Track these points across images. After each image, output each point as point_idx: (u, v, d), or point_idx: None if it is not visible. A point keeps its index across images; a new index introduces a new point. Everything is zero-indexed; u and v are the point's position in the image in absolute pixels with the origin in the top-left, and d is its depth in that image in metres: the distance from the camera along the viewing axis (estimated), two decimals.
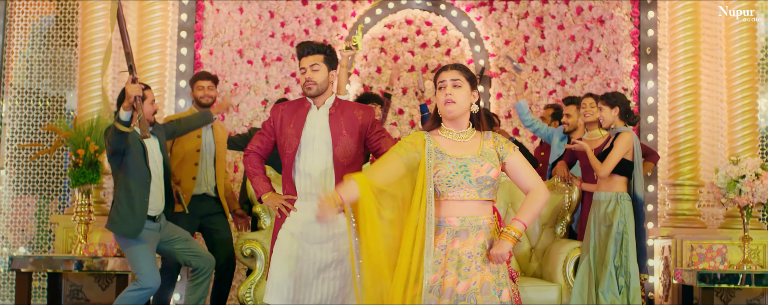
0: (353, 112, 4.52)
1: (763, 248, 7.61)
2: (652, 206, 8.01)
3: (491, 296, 3.66)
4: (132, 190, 5.79)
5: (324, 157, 4.41)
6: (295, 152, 4.43)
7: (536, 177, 3.83)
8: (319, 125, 4.47)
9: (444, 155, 3.74)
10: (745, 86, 7.84)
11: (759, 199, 6.89)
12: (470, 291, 3.64)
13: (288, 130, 4.48)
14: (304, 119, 4.48)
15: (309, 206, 4.35)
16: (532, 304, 5.94)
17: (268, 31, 9.24)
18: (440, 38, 9.72)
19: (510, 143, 3.83)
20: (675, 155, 7.77)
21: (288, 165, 4.46)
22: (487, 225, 3.75)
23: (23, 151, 8.53)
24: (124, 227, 5.77)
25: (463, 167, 3.71)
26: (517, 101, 7.57)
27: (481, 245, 3.71)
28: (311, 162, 4.41)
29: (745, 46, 7.86)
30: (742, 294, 7.59)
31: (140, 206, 5.78)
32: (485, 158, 3.75)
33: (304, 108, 4.54)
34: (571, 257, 6.16)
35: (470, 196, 3.72)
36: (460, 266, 3.67)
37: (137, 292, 5.77)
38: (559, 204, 6.64)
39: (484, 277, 3.67)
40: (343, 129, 4.44)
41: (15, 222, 8.52)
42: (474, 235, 3.72)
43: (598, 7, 8.76)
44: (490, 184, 3.73)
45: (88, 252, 7.09)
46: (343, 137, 4.42)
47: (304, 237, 4.41)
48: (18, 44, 8.68)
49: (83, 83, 7.94)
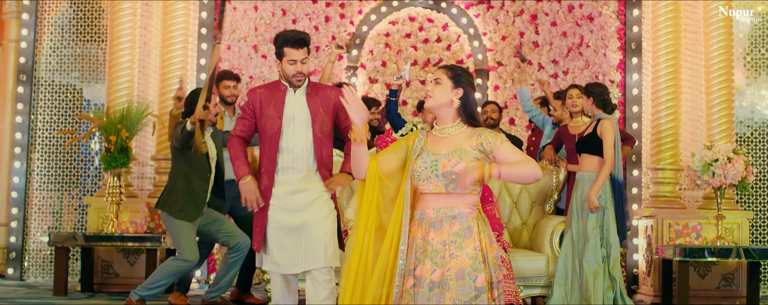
0: (327, 91, 4.93)
1: (737, 226, 8.28)
2: (636, 189, 8.67)
3: (466, 281, 3.75)
4: (193, 183, 6.46)
5: (305, 134, 4.83)
6: (278, 132, 4.81)
7: (529, 158, 3.90)
8: (298, 106, 4.85)
9: (424, 151, 3.91)
10: (722, 78, 8.50)
11: (731, 180, 7.56)
12: (445, 278, 3.77)
13: (269, 111, 4.83)
14: (284, 101, 4.84)
15: (290, 179, 4.83)
16: (523, 272, 6.63)
17: (281, 27, 9.90)
18: (441, 34, 10.39)
19: (497, 137, 3.89)
20: (657, 141, 8.43)
21: (271, 144, 4.83)
22: (464, 214, 3.85)
23: (54, 139, 9.23)
24: (182, 214, 6.42)
25: (434, 163, 3.85)
26: (521, 88, 8.17)
27: (455, 233, 3.82)
28: (293, 139, 4.82)
29: (722, 41, 8.52)
30: (718, 269, 8.26)
31: (200, 197, 6.48)
32: (458, 154, 3.85)
33: (281, 91, 4.86)
34: (557, 230, 6.84)
35: (438, 189, 3.85)
36: (435, 255, 3.80)
37: (179, 263, 6.45)
38: (546, 184, 7.33)
39: (458, 263, 3.77)
40: (320, 107, 4.85)
41: (46, 205, 9.23)
42: (448, 225, 3.84)
43: (588, 5, 9.41)
44: (455, 178, 3.82)
45: (120, 229, 7.78)
46: (319, 114, 4.83)
47: (287, 206, 4.85)
48: (47, 40, 9.38)
49: (111, 76, 8.61)
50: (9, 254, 9.19)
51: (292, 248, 4.86)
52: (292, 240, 4.85)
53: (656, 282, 8.15)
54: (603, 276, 6.64)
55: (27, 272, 9.22)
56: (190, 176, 6.50)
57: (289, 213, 4.84)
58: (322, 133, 4.82)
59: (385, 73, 10.31)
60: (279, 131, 4.78)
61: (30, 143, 9.28)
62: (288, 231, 4.85)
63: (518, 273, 6.52)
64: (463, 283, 3.75)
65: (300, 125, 4.81)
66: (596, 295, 6.57)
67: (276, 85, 4.91)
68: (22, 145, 9.25)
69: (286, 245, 4.87)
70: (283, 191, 4.84)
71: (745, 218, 8.31)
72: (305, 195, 4.84)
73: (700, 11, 8.65)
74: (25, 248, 9.21)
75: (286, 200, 4.85)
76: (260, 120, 4.83)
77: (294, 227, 4.84)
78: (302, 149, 4.79)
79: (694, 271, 8.20)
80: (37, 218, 9.26)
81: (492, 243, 3.87)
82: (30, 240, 9.23)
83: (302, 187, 4.82)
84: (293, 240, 4.84)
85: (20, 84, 9.31)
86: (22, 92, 9.30)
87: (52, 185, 9.31)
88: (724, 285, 8.24)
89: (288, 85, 4.90)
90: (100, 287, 8.22)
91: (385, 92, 10.17)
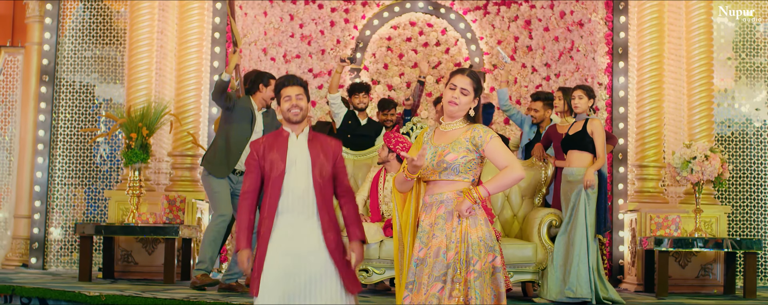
0: (327, 140, 5.07)
1: (715, 220, 8.87)
2: (622, 185, 9.25)
3: (440, 259, 4.24)
4: (231, 143, 7.38)
5: (305, 176, 4.83)
6: (281, 175, 4.82)
7: (513, 159, 4.32)
8: (299, 150, 4.95)
9: (428, 143, 4.43)
10: (703, 81, 9.07)
11: (708, 177, 8.16)
12: (426, 256, 4.29)
13: (272, 155, 4.87)
14: (286, 146, 4.96)
15: (292, 220, 4.79)
16: (513, 260, 7.23)
17: (288, 31, 10.49)
18: (440, 38, 10.99)
19: (488, 132, 4.31)
20: (641, 140, 9.01)
21: (274, 186, 4.83)
22: (449, 199, 4.31)
23: (74, 136, 9.84)
24: (215, 169, 7.42)
25: (433, 154, 4.36)
26: (500, 88, 8.75)
27: (439, 216, 4.31)
28: (294, 181, 4.81)
29: (703, 46, 9.08)
30: (697, 260, 8.84)
31: (235, 156, 7.40)
32: (453, 146, 4.34)
33: (284, 137, 4.94)
34: (545, 221, 7.44)
35: (434, 177, 4.36)
36: (423, 235, 4.34)
37: (217, 220, 7.36)
38: (536, 179, 7.94)
39: (437, 243, 4.28)
40: (320, 153, 4.97)
41: (67, 197, 9.84)
42: (436, 208, 4.34)
43: (578, 12, 9.99)
44: (446, 167, 4.32)
45: (141, 221, 8.37)
46: (319, 159, 4.94)
47: (290, 250, 4.75)
48: (68, 43, 9.98)
49: (131, 77, 9.18)
50: (32, 244, 9.78)
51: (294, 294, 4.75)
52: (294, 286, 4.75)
53: (640, 271, 8.74)
54: (588, 265, 7.23)
55: (49, 262, 9.82)
56: (229, 135, 7.36)
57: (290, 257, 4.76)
58: (322, 177, 4.87)
59: (386, 75, 10.89)
60: (282, 174, 4.84)
61: (52, 140, 9.88)
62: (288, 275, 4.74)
63: (508, 260, 7.11)
64: (437, 260, 4.25)
65: (301, 168, 4.86)
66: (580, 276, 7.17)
67: (278, 133, 5.00)
68: (45, 142, 9.85)
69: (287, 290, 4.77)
70: (282, 235, 4.80)
71: (723, 212, 8.91)
72: (305, 241, 4.78)
73: (682, 18, 9.22)
74: (46, 239, 9.81)
75: (286, 244, 4.77)
76: (265, 165, 4.89)
77: (293, 273, 4.74)
78: (302, 190, 4.82)
79: (675, 261, 8.77)
80: (59, 210, 9.86)
81: (476, 224, 4.30)
82: (51, 231, 9.83)
83: (302, 232, 4.81)
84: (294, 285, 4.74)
85: (43, 84, 9.90)
86: (44, 92, 9.89)
87: (73, 179, 9.90)
88: (702, 274, 8.83)
89: (290, 131, 4.96)
90: (121, 275, 8.79)
91: (386, 93, 10.79)
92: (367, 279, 7.26)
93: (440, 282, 4.25)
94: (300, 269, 4.70)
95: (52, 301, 7.25)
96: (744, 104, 9.84)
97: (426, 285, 4.27)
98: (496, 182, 4.29)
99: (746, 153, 9.76)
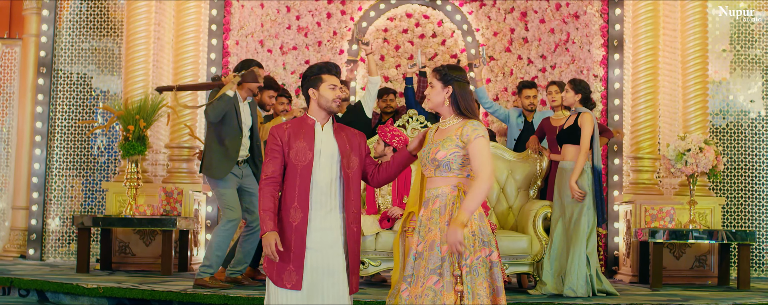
0: (352, 132, 4.97)
1: (710, 211, 8.92)
2: (617, 177, 9.30)
3: (435, 252, 4.37)
4: (226, 142, 7.26)
5: (331, 167, 4.75)
6: (309, 165, 4.72)
7: (484, 168, 4.34)
8: (326, 140, 4.79)
9: (428, 141, 4.60)
10: (698, 73, 9.12)
11: (702, 169, 8.21)
12: (423, 249, 4.43)
13: (299, 144, 4.74)
14: (313, 134, 4.78)
15: (316, 211, 4.73)
16: (509, 251, 7.28)
17: (285, 23, 10.50)
18: (436, 30, 11.00)
19: (475, 131, 4.38)
20: (636, 132, 9.05)
21: (303, 177, 4.72)
22: (444, 194, 4.44)
23: (71, 127, 9.86)
24: (216, 171, 7.22)
25: (428, 151, 4.52)
26: (477, 88, 8.77)
27: (434, 210, 4.45)
28: (321, 173, 4.73)
29: (698, 39, 9.13)
30: (691, 251, 8.90)
31: (233, 152, 7.26)
32: (443, 143, 4.47)
33: (309, 125, 4.82)
34: (539, 213, 7.48)
35: (430, 173, 4.51)
36: (422, 229, 4.48)
37: (227, 225, 7.23)
38: (531, 171, 7.98)
39: (432, 237, 4.41)
40: (347, 144, 4.87)
41: (65, 189, 9.87)
42: (432, 203, 4.48)
43: (574, 4, 10.01)
44: (438, 164, 4.45)
45: (138, 212, 8.41)
46: (346, 150, 4.85)
47: (315, 243, 4.72)
48: (65, 35, 9.99)
49: (128, 70, 9.22)
50: (30, 235, 9.82)
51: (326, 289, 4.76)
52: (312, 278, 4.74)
53: (635, 262, 8.79)
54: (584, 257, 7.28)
55: (46, 253, 9.86)
56: (223, 137, 7.26)
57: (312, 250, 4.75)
58: (350, 169, 4.78)
59: (383, 67, 10.92)
60: (310, 164, 4.72)
61: (49, 132, 9.91)
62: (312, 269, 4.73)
63: (504, 252, 7.16)
64: (432, 253, 4.37)
65: (328, 159, 4.76)
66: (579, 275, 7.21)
67: (303, 119, 4.85)
68: (42, 133, 9.87)
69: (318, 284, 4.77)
70: (310, 228, 4.74)
71: (717, 204, 8.96)
72: (328, 234, 4.75)
73: (678, 10, 9.26)
74: (44, 230, 9.85)
75: (311, 236, 4.74)
76: (290, 153, 4.75)
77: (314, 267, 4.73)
78: (327, 184, 4.74)
79: (670, 253, 8.83)
80: (56, 202, 9.90)
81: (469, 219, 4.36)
82: (49, 223, 9.87)
83: (325, 224, 4.75)
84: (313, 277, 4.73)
85: (40, 76, 9.93)
86: (42, 84, 9.91)
87: (71, 171, 9.94)
88: (697, 265, 8.89)
89: (315, 120, 4.84)
90: (118, 266, 8.84)
91: (382, 84, 10.81)
92: (364, 271, 7.30)
93: (436, 275, 4.35)
94: (319, 261, 4.68)
95: (50, 293, 7.30)
96: (739, 96, 9.89)
97: (423, 278, 4.38)
98: (469, 201, 4.33)
99: (741, 145, 9.81)
